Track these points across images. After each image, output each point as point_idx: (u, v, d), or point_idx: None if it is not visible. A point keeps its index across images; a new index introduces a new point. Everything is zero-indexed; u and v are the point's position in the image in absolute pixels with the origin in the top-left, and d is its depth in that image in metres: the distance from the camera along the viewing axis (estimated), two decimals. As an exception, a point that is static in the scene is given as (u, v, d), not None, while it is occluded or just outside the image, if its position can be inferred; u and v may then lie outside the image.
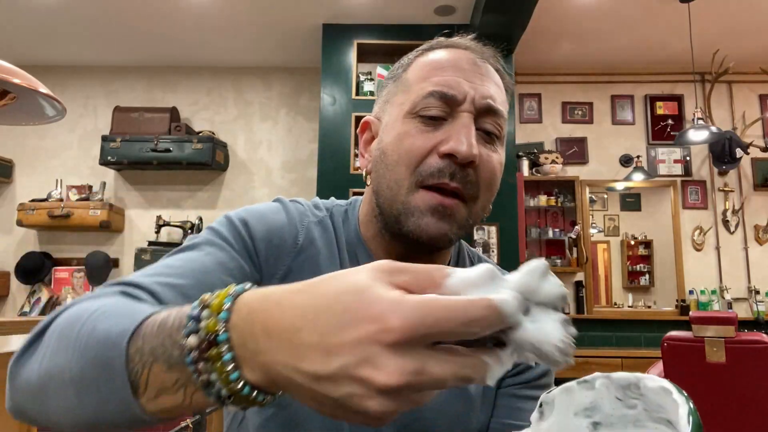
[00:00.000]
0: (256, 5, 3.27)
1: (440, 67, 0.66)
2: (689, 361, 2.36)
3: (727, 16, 3.44)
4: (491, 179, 0.65)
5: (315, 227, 0.70)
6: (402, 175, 0.63)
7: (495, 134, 0.66)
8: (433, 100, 0.64)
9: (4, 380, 0.47)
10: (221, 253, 0.61)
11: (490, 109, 0.65)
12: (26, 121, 1.54)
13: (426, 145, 0.63)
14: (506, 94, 0.70)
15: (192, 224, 3.80)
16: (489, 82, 0.66)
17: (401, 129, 0.65)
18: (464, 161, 0.61)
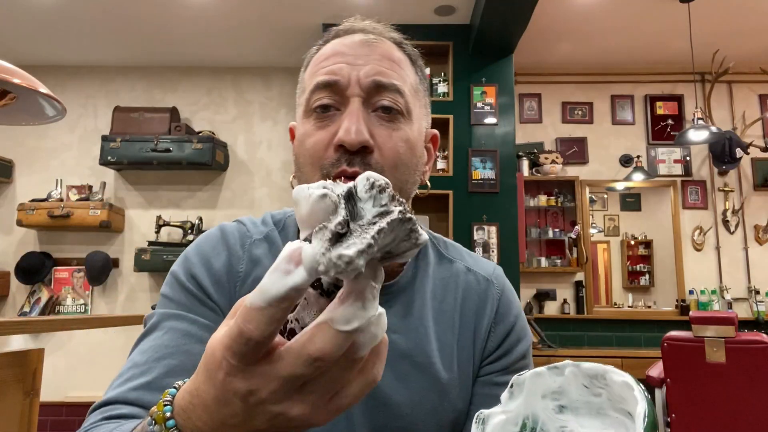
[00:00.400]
0: (256, 5, 3.27)
1: (326, 58, 0.65)
2: (689, 361, 2.36)
3: (727, 16, 3.44)
4: (395, 158, 0.63)
5: (259, 245, 0.69)
6: (310, 174, 0.64)
7: (396, 110, 0.64)
8: (320, 92, 0.64)
9: (4, 380, 0.47)
10: (180, 324, 0.61)
11: (378, 85, 0.63)
12: (26, 121, 1.55)
13: (324, 140, 0.63)
14: (413, 66, 0.68)
15: (192, 224, 3.80)
16: (377, 59, 0.65)
17: (302, 130, 0.65)
18: (353, 148, 0.60)
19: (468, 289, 0.72)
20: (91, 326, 1.74)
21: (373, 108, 0.64)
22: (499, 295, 0.73)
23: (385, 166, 0.62)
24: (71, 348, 3.75)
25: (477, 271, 0.74)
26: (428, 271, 0.72)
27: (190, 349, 0.59)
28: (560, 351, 3.44)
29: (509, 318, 0.72)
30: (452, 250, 0.77)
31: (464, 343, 0.69)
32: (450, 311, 0.70)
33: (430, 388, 0.66)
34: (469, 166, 3.38)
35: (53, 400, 3.51)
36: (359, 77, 0.63)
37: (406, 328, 0.68)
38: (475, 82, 3.49)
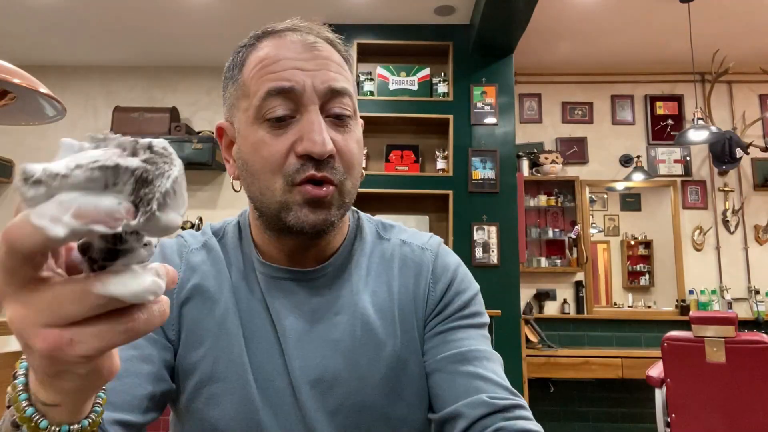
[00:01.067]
0: (256, 5, 3.27)
1: (272, 62, 0.64)
2: (689, 361, 2.36)
3: (727, 16, 3.44)
4: (351, 161, 0.66)
5: (197, 254, 0.72)
6: (270, 180, 0.63)
7: (345, 115, 0.65)
8: (274, 100, 0.63)
9: (4, 380, 0.48)
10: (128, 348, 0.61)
11: (333, 91, 0.64)
12: (26, 121, 1.55)
13: (282, 149, 0.63)
14: (346, 65, 0.69)
15: (192, 224, 3.80)
16: (325, 63, 0.65)
17: (254, 138, 0.64)
18: (322, 158, 0.62)
19: (403, 259, 0.75)
20: (91, 326, 1.73)
21: (326, 114, 0.64)
22: (434, 258, 0.75)
23: (344, 169, 0.65)
24: (71, 348, 3.75)
25: (411, 242, 0.77)
26: (365, 251, 0.75)
27: (146, 372, 0.62)
28: (560, 351, 3.44)
29: (446, 275, 0.74)
30: (390, 230, 0.79)
31: (405, 310, 0.71)
32: (387, 283, 0.73)
33: (375, 358, 0.67)
34: (469, 166, 3.38)
35: (53, 400, 3.51)
36: (314, 85, 0.63)
37: (343, 307, 0.70)
38: (475, 82, 3.49)
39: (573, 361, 3.38)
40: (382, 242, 0.77)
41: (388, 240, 0.77)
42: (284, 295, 0.69)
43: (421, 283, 0.73)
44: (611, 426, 3.74)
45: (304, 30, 0.68)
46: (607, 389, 3.75)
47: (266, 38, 0.68)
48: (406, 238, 0.78)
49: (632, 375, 3.33)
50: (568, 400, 3.73)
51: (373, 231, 0.78)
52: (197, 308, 0.68)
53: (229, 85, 0.69)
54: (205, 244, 0.73)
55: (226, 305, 0.68)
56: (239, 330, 0.67)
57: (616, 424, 3.73)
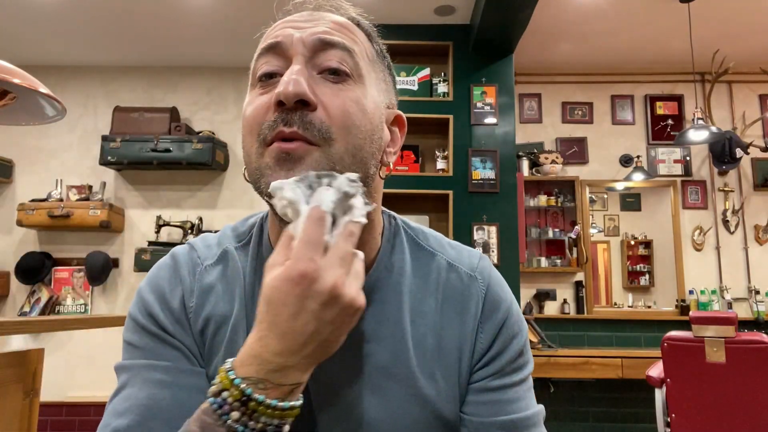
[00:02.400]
0: (256, 5, 3.27)
1: (272, 30, 0.62)
2: (689, 361, 2.36)
3: (727, 16, 3.44)
4: (343, 116, 0.56)
5: (211, 271, 0.65)
6: (249, 145, 0.58)
7: (343, 71, 0.58)
8: (264, 58, 0.60)
9: (4, 380, 0.48)
10: (154, 374, 0.57)
11: (324, 42, 0.58)
12: (26, 121, 1.55)
13: (264, 104, 0.57)
14: (369, 40, 0.63)
15: (192, 224, 3.80)
16: (325, 23, 0.60)
17: (246, 101, 0.60)
18: (290, 101, 0.54)
19: (449, 287, 0.65)
20: (91, 326, 1.74)
21: (318, 69, 0.58)
22: (485, 291, 0.66)
23: (332, 126, 0.55)
24: (71, 348, 3.75)
25: (459, 267, 0.67)
26: (404, 267, 0.65)
27: (169, 400, 0.56)
28: (560, 351, 3.44)
29: (498, 313, 0.65)
30: (432, 241, 0.70)
31: (447, 348, 0.63)
32: (430, 313, 0.64)
33: (410, 401, 0.60)
34: (469, 166, 3.38)
35: (53, 400, 3.51)
36: (302, 37, 0.58)
37: (381, 335, 0.62)
38: (475, 82, 3.49)
39: (573, 361, 3.38)
40: (422, 256, 0.68)
41: (432, 255, 0.68)
42: None
43: (469, 321, 0.64)
44: (611, 426, 3.74)
45: (317, 6, 0.63)
46: (607, 389, 3.75)
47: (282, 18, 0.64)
48: (452, 258, 0.68)
49: (632, 375, 3.33)
50: (568, 400, 3.73)
51: (410, 241, 0.69)
52: (213, 341, 0.62)
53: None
54: (222, 257, 0.66)
55: (236, 330, 0.61)
56: None
57: (616, 424, 3.73)
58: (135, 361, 0.59)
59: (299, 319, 0.46)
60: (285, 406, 0.47)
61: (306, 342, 0.47)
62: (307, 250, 0.47)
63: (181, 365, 0.59)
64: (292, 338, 0.46)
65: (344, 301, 0.47)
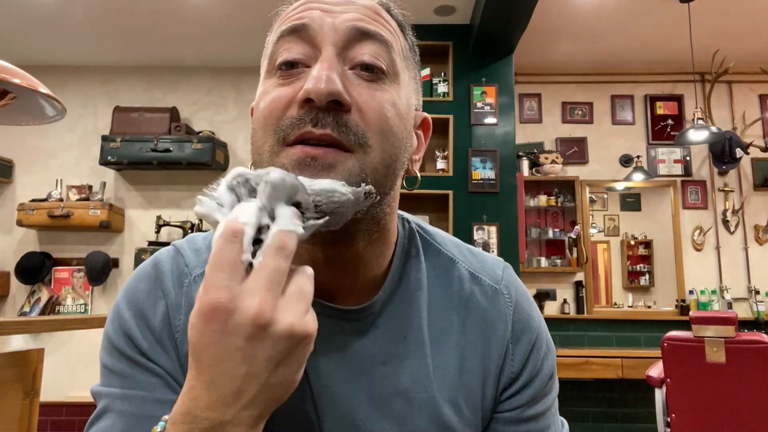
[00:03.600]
0: (256, 5, 3.27)
1: (294, 9, 0.53)
2: (689, 361, 2.36)
3: (727, 16, 3.44)
4: (381, 121, 0.49)
5: (200, 283, 0.58)
6: (261, 141, 0.50)
7: (379, 68, 0.50)
8: (286, 42, 0.51)
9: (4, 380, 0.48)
10: (129, 406, 0.51)
11: (360, 32, 0.50)
12: (26, 121, 1.55)
13: (285, 96, 0.49)
14: (402, 32, 0.56)
15: (192, 224, 3.80)
16: (356, 7, 0.52)
17: (261, 90, 0.53)
18: (322, 101, 0.46)
19: (473, 302, 0.58)
20: (91, 326, 1.74)
21: (351, 65, 0.50)
22: (512, 308, 0.59)
23: (368, 131, 0.48)
24: (71, 348, 3.75)
25: (483, 279, 0.60)
26: (421, 278, 0.58)
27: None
28: (560, 351, 3.44)
29: (529, 334, 0.59)
30: (451, 246, 0.63)
31: (470, 370, 0.56)
32: (452, 331, 0.57)
33: (432, 427, 0.54)
34: (469, 166, 3.38)
35: (53, 400, 3.51)
36: (335, 23, 0.50)
37: (398, 356, 0.55)
38: (475, 82, 3.49)
39: (573, 361, 3.38)
40: (440, 266, 0.60)
41: (451, 263, 0.61)
42: (322, 338, 0.52)
43: (495, 341, 0.57)
44: (611, 426, 3.74)
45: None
46: (607, 389, 3.75)
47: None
48: (474, 268, 0.61)
49: (632, 375, 3.33)
50: (568, 400, 3.73)
51: (426, 247, 0.62)
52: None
53: (263, 53, 0.58)
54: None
55: None
56: None
57: (616, 424, 3.73)
58: (110, 389, 0.53)
59: (224, 362, 0.38)
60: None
61: (240, 389, 0.38)
62: (218, 275, 0.39)
63: (160, 394, 0.51)
64: (223, 386, 0.38)
65: (278, 331, 0.38)
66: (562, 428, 0.62)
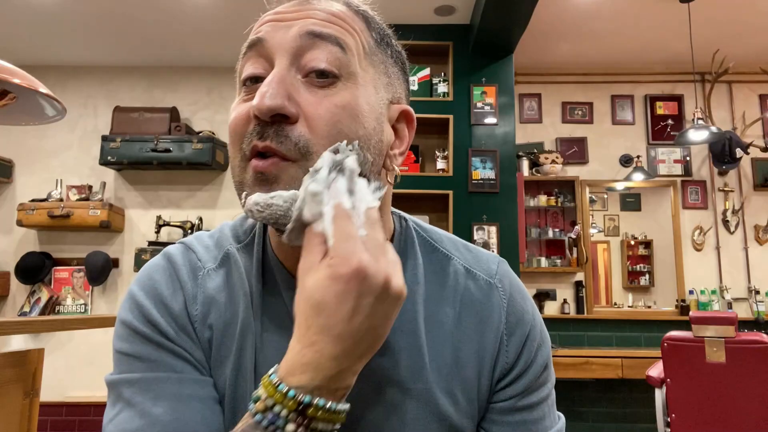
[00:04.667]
0: (256, 5, 3.26)
1: (258, 25, 0.56)
2: (689, 361, 2.36)
3: (727, 16, 3.44)
4: (329, 128, 0.50)
5: (213, 276, 0.59)
6: (233, 157, 0.54)
7: (331, 72, 0.51)
8: (247, 59, 0.55)
9: (4, 380, 0.47)
10: (165, 387, 0.51)
11: (311, 35, 0.51)
12: (26, 121, 1.55)
13: (243, 114, 0.52)
14: (368, 28, 0.57)
15: (192, 224, 3.80)
16: (312, 12, 0.53)
17: (231, 109, 0.55)
18: (264, 115, 0.49)
19: (467, 295, 0.60)
20: (91, 326, 1.74)
21: (304, 72, 0.51)
22: (506, 301, 0.61)
23: (313, 139, 0.50)
24: (71, 348, 3.75)
25: (477, 273, 0.62)
26: (418, 273, 0.60)
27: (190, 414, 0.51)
28: (560, 351, 3.44)
29: (522, 326, 0.60)
30: (447, 242, 0.65)
31: (466, 362, 0.58)
32: (447, 323, 0.59)
33: (428, 419, 0.56)
34: (469, 166, 3.38)
35: (53, 400, 3.51)
36: (286, 33, 0.52)
37: (395, 348, 0.56)
38: (475, 82, 3.49)
39: (573, 361, 3.38)
40: (435, 259, 0.63)
41: (447, 259, 0.63)
42: None
43: (489, 333, 0.59)
44: (611, 426, 3.74)
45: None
46: (607, 389, 3.75)
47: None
48: (469, 263, 0.63)
49: (632, 375, 3.33)
50: (568, 400, 3.73)
51: (423, 243, 0.64)
52: (219, 352, 0.56)
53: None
54: (224, 260, 0.60)
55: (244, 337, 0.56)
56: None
57: (616, 424, 3.73)
58: (139, 374, 0.52)
59: (356, 318, 0.43)
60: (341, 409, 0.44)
61: (361, 340, 0.44)
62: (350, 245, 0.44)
63: (193, 376, 0.53)
64: (349, 339, 0.44)
65: (395, 291, 0.45)
66: (558, 420, 0.63)
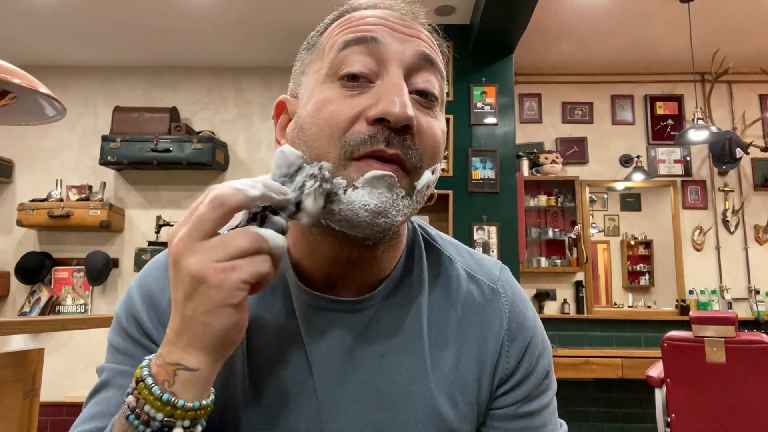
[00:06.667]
0: (256, 5, 3.27)
1: (360, 19, 0.55)
2: (689, 361, 2.36)
3: (727, 16, 3.44)
4: (434, 149, 0.53)
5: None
6: (324, 149, 0.51)
7: (433, 96, 0.54)
8: (353, 52, 0.52)
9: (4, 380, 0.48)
10: (127, 381, 0.52)
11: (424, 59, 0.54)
12: (26, 121, 1.55)
13: (350, 112, 0.51)
14: (442, 57, 0.59)
15: (192, 224, 3.79)
16: (418, 32, 0.55)
17: (319, 97, 0.53)
18: (398, 125, 0.49)
19: (470, 300, 0.61)
20: (91, 326, 1.74)
21: (411, 89, 0.53)
22: (509, 307, 0.61)
23: (423, 155, 0.52)
24: (71, 348, 3.75)
25: (480, 278, 0.63)
26: (422, 275, 0.61)
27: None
28: (560, 351, 3.44)
29: (524, 332, 0.61)
30: (450, 247, 0.66)
31: (466, 366, 0.58)
32: (449, 327, 0.59)
33: (428, 421, 0.56)
34: (469, 166, 3.38)
35: (53, 400, 3.51)
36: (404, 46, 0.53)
37: (398, 349, 0.57)
38: (475, 82, 3.49)
39: (573, 361, 3.38)
40: (439, 265, 0.63)
41: (450, 263, 0.63)
42: (324, 330, 0.56)
43: (491, 338, 0.59)
44: (611, 426, 3.74)
45: (403, 10, 0.57)
46: (607, 389, 3.75)
47: (360, 8, 0.57)
48: (472, 268, 0.64)
49: (632, 375, 3.33)
50: (568, 400, 3.73)
51: (427, 246, 0.64)
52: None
53: (303, 54, 0.59)
54: None
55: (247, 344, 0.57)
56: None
57: (616, 424, 3.73)
58: (113, 365, 0.57)
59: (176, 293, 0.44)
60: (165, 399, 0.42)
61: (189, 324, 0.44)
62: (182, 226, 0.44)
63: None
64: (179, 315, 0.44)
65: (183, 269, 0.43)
66: (561, 427, 0.63)
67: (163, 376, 0.43)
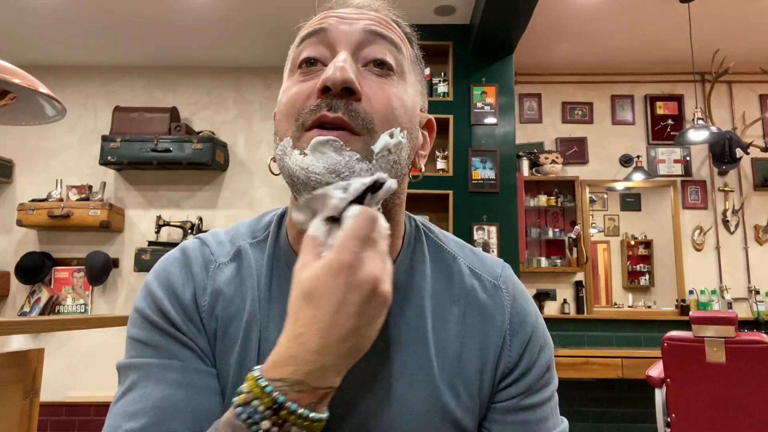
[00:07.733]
0: (256, 5, 3.27)
1: (315, 19, 0.60)
2: (689, 361, 2.36)
3: (727, 16, 3.44)
4: (386, 110, 0.55)
5: (224, 270, 0.61)
6: (284, 128, 0.56)
7: (388, 64, 0.57)
8: (307, 45, 0.58)
9: (4, 380, 0.48)
10: (166, 374, 0.54)
11: (372, 34, 0.57)
12: (26, 121, 1.55)
13: (304, 90, 0.56)
14: (410, 43, 0.62)
15: (192, 224, 3.80)
16: (369, 16, 0.59)
17: (283, 89, 0.59)
18: (336, 88, 0.53)
19: (472, 295, 0.63)
20: (91, 326, 1.74)
21: (364, 62, 0.57)
22: (510, 303, 0.63)
23: (375, 117, 0.54)
24: (71, 348, 3.75)
25: (482, 275, 0.65)
26: (426, 271, 0.63)
27: (186, 402, 0.53)
28: (560, 351, 3.44)
29: (525, 327, 0.62)
30: (453, 244, 0.68)
31: (469, 359, 0.60)
32: (452, 321, 0.61)
33: (432, 412, 0.57)
34: (469, 166, 3.38)
35: (53, 400, 3.51)
36: (349, 28, 0.57)
37: (402, 341, 0.59)
38: (475, 82, 3.49)
39: (573, 361, 3.38)
40: (442, 261, 0.65)
41: (453, 259, 0.65)
42: None
43: (493, 332, 0.61)
44: (611, 426, 3.74)
45: (363, 5, 0.62)
46: (607, 389, 3.75)
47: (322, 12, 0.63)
48: (474, 265, 0.66)
49: (632, 375, 3.33)
50: (568, 400, 3.73)
51: (431, 243, 0.67)
52: (223, 342, 0.59)
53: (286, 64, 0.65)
54: (236, 255, 0.62)
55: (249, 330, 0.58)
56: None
57: (616, 424, 3.73)
58: (146, 359, 0.56)
59: (342, 312, 0.44)
60: (315, 417, 0.44)
61: (345, 338, 0.44)
62: (353, 243, 0.45)
63: (196, 365, 0.56)
64: (334, 333, 0.44)
65: (382, 294, 0.45)
66: (561, 423, 0.64)
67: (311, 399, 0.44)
